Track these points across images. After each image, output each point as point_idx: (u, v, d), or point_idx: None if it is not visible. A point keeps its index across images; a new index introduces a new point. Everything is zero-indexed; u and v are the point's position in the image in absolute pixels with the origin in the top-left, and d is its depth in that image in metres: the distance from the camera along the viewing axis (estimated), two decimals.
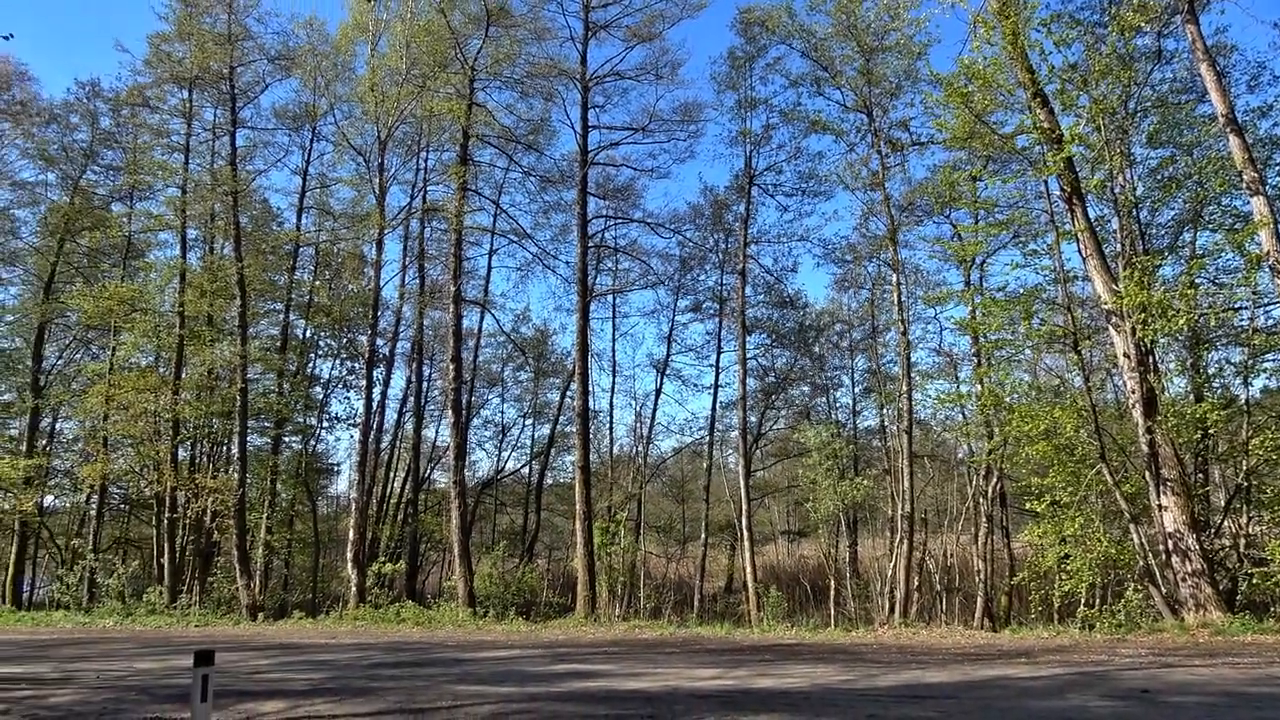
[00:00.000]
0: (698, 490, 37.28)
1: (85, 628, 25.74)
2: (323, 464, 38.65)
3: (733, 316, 30.77)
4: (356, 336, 35.49)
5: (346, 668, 13.32)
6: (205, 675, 5.59)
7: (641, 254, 33.35)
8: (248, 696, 9.99)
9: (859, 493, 23.89)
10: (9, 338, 38.31)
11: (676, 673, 11.99)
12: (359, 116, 29.96)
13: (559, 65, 28.32)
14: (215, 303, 30.25)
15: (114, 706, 9.49)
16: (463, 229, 28.14)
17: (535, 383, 39.20)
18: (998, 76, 17.87)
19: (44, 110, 36.00)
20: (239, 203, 29.55)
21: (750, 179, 29.04)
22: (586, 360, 27.44)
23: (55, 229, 35.29)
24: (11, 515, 32.20)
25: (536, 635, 20.50)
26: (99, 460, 31.01)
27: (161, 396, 29.13)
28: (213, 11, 29.38)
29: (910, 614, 21.80)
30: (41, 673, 13.01)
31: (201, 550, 31.52)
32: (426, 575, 36.40)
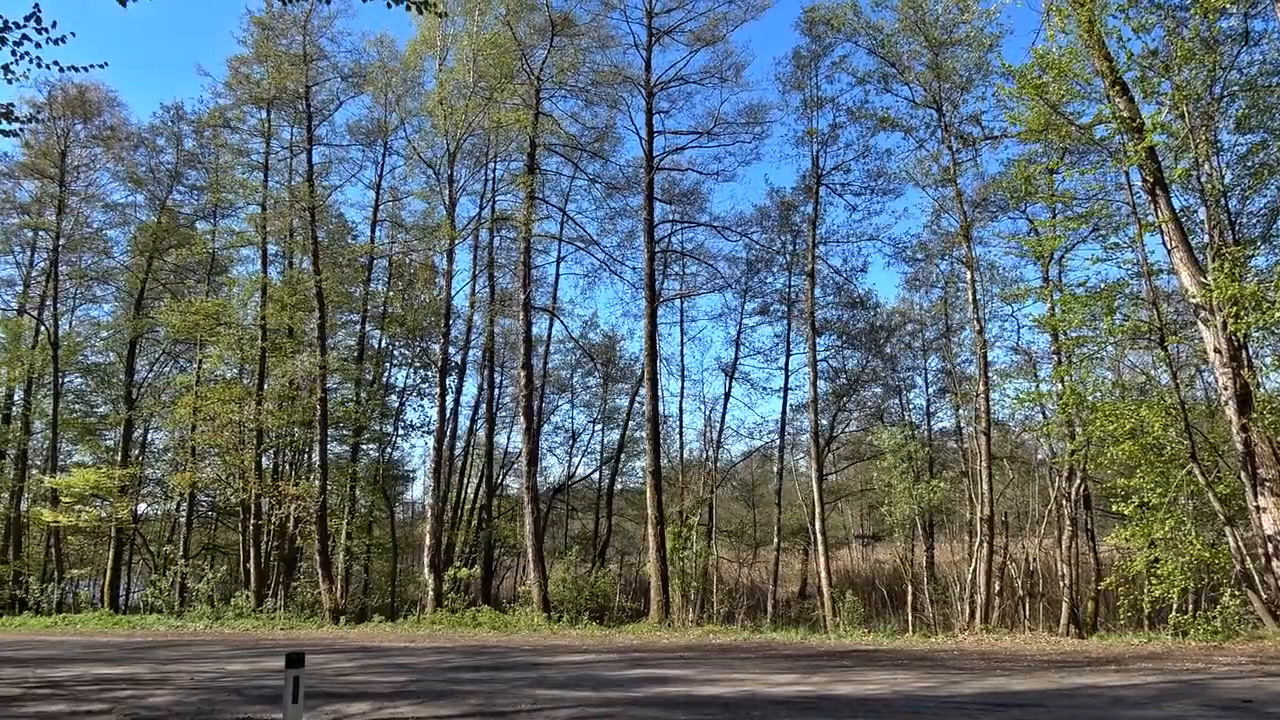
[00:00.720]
0: (769, 494, 36.96)
1: (177, 630, 26.75)
2: (399, 471, 39.50)
3: (802, 318, 30.48)
4: (429, 345, 36.21)
5: (427, 671, 13.58)
6: (296, 677, 5.76)
7: (708, 258, 33.31)
8: (335, 698, 10.27)
9: (935, 496, 23.37)
10: (104, 353, 40.11)
11: (753, 678, 11.92)
12: (429, 130, 30.62)
13: (623, 72, 28.50)
14: (295, 315, 31.21)
15: (208, 707, 9.85)
16: (531, 237, 28.49)
17: (604, 388, 39.42)
18: (1073, 66, 17.35)
19: (132, 134, 37.72)
20: (316, 218, 30.44)
21: (818, 179, 28.74)
22: (655, 365, 27.49)
23: (144, 248, 36.90)
24: (108, 523, 33.69)
25: (611, 640, 20.58)
26: (188, 469, 32.27)
27: (246, 407, 30.15)
28: (288, 33, 30.36)
29: (991, 620, 21.24)
30: (139, 674, 13.58)
31: (285, 556, 32.50)
32: (501, 580, 36.87)
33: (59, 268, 36.77)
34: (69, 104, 35.66)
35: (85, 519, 33.65)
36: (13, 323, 38.14)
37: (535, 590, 25.41)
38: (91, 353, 39.78)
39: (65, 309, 38.30)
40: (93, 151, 37.67)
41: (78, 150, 37.22)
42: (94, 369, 39.99)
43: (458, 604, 26.57)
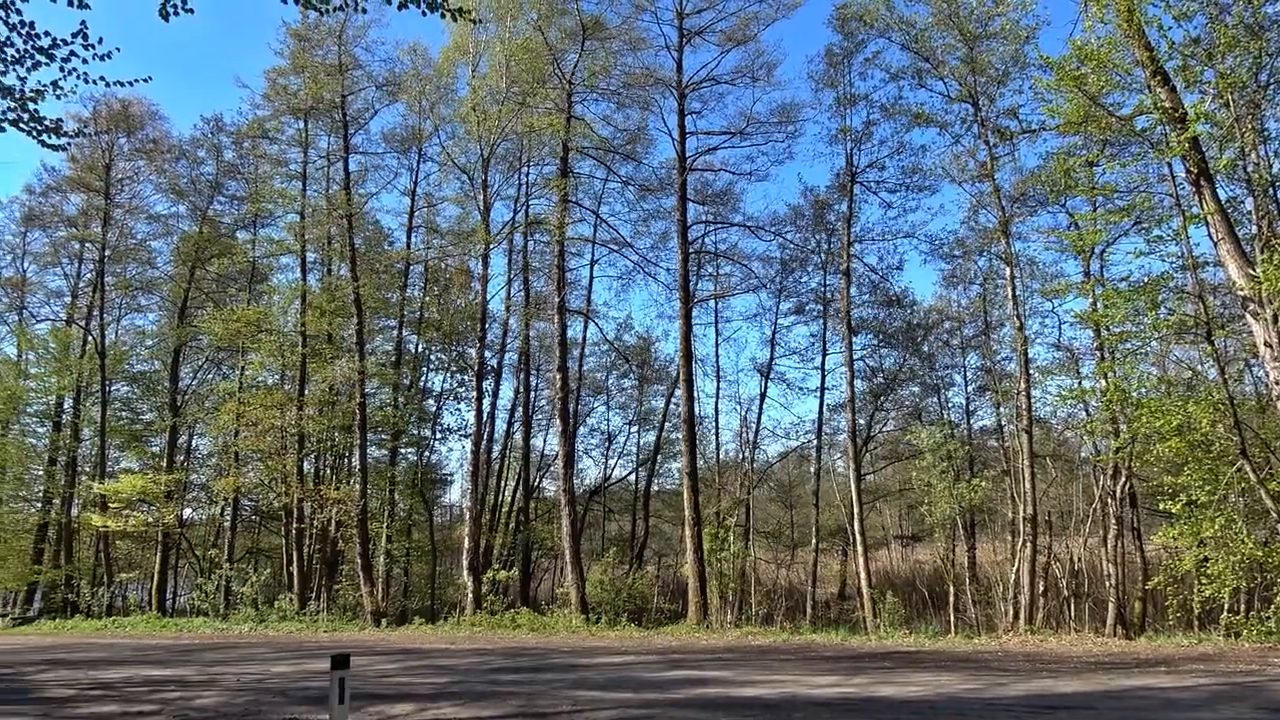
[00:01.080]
0: (806, 495, 36.72)
1: (223, 633, 27.23)
2: (437, 474, 39.87)
3: (837, 317, 30.25)
4: (466, 349, 36.52)
5: (468, 672, 13.68)
6: (342, 678, 5.83)
7: (742, 258, 33.17)
8: (379, 699, 10.38)
9: (976, 495, 23.06)
10: (149, 361, 40.99)
11: (794, 680, 11.85)
12: (462, 136, 30.88)
13: (655, 74, 28.52)
14: (334, 321, 31.64)
15: (255, 707, 10.00)
16: (565, 240, 28.60)
17: (640, 390, 39.45)
18: (1113, 56, 17.04)
19: (174, 147, 38.56)
20: (353, 225, 30.84)
21: (852, 177, 28.52)
22: (690, 366, 27.45)
23: (187, 257, 37.65)
24: (155, 528, 34.39)
25: (649, 641, 20.59)
26: (231, 474, 32.83)
27: (287, 412, 30.60)
28: (324, 44, 30.79)
29: (1036, 621, 20.91)
30: (187, 675, 13.83)
31: (327, 559, 32.94)
32: (539, 582, 37.03)
33: (105, 278, 37.64)
34: (113, 118, 36.51)
35: (133, 524, 34.36)
36: (62, 333, 39.11)
37: (573, 592, 25.49)
38: (137, 361, 40.69)
39: (111, 319, 39.20)
40: (136, 164, 38.57)
41: (122, 163, 38.14)
42: (140, 377, 40.88)
43: (497, 606, 26.74)
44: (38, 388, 38.94)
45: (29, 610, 35.81)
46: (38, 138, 7.51)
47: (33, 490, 39.31)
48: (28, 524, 38.00)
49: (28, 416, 39.70)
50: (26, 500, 39.33)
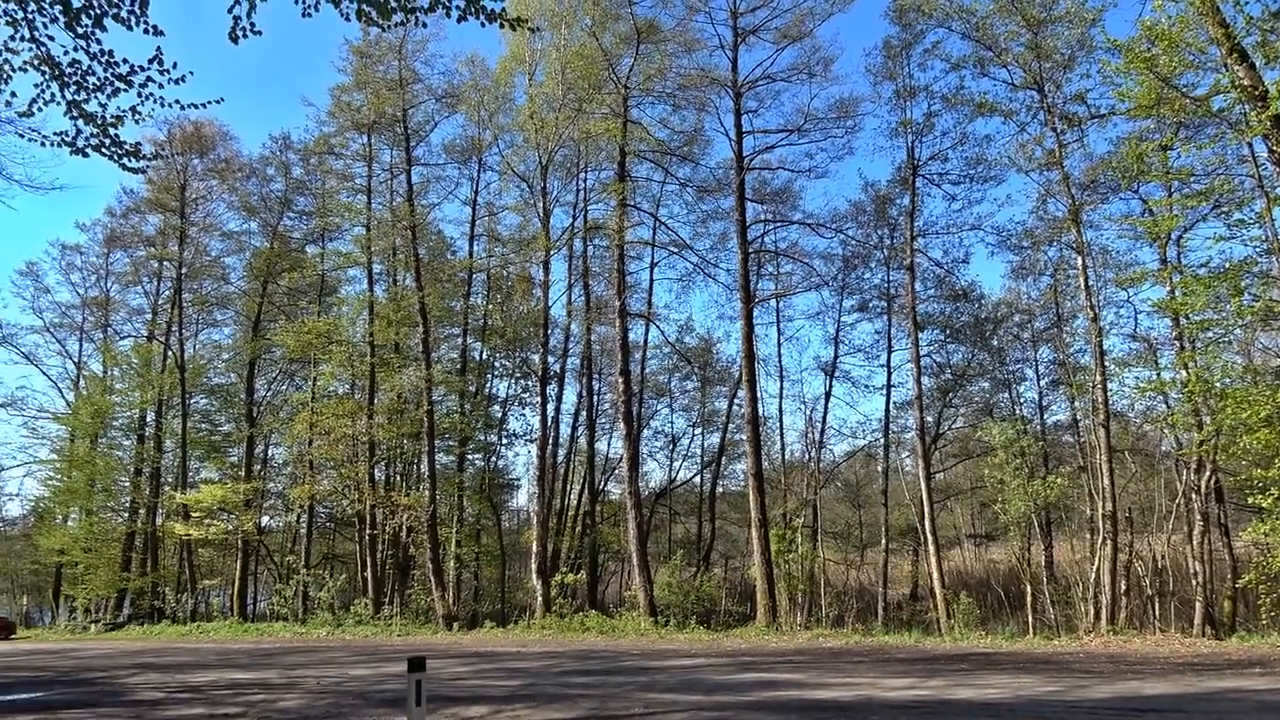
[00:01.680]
0: (874, 494, 36.18)
1: (302, 637, 27.94)
2: (504, 479, 40.33)
3: (902, 313, 29.75)
4: (529, 355, 36.87)
5: (539, 675, 13.79)
6: (419, 681, 5.93)
7: (803, 256, 32.86)
8: (453, 702, 10.52)
9: (1052, 492, 22.41)
10: (226, 374, 42.36)
11: (868, 682, 11.67)
12: (521, 145, 31.27)
13: (710, 74, 28.43)
14: (400, 331, 32.28)
15: (335, 710, 10.23)
16: (624, 244, 28.72)
17: (702, 391, 39.35)
18: (1185, 35, 16.43)
19: (244, 166, 39.86)
20: (417, 236, 31.43)
21: (914, 170, 28.03)
22: (753, 366, 27.30)
23: (259, 272, 38.84)
24: (235, 535, 35.50)
25: (718, 644, 20.50)
26: (306, 482, 33.70)
27: (358, 421, 31.31)
28: (385, 60, 31.47)
29: (1118, 621, 20.24)
30: (269, 678, 14.22)
31: (399, 564, 33.58)
32: (606, 585, 37.18)
33: (182, 295, 39.05)
34: (186, 140, 37.87)
35: (214, 532, 35.55)
36: (143, 349, 40.66)
37: (641, 595, 25.53)
38: (215, 374, 42.09)
39: (189, 334, 40.63)
40: (209, 184, 39.97)
41: (196, 183, 39.54)
42: (217, 389, 42.30)
43: (565, 609, 26.92)
44: (122, 402, 40.57)
45: (119, 616, 37.27)
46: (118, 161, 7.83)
47: (120, 501, 40.96)
48: (116, 533, 39.61)
49: (114, 430, 41.39)
50: (114, 511, 41.00)
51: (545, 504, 30.16)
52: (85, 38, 6.55)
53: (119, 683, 14.42)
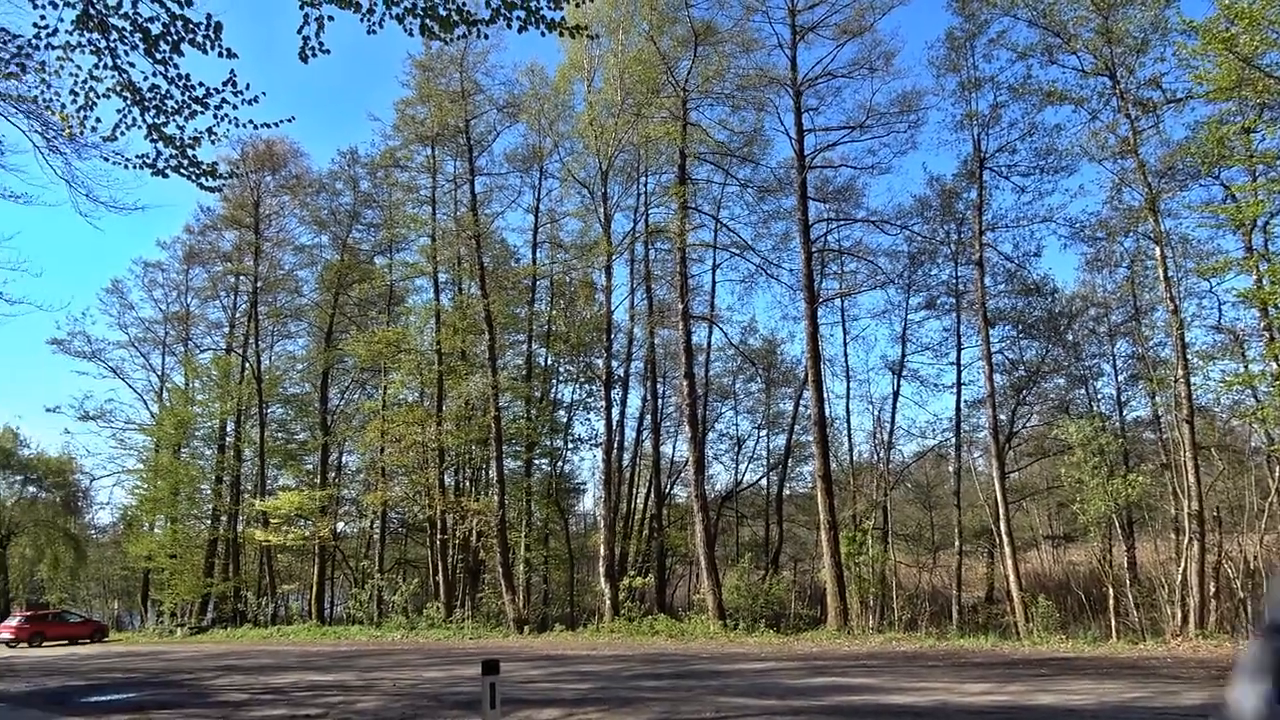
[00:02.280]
0: (946, 495, 35.43)
1: (377, 640, 28.54)
2: (570, 484, 40.62)
3: (972, 310, 29.09)
4: (593, 360, 37.06)
5: (609, 678, 13.84)
6: (493, 683, 6.00)
7: (867, 254, 32.36)
8: (526, 704, 10.63)
9: (1134, 491, 21.61)
10: (300, 384, 43.55)
11: (944, 687, 11.43)
12: (581, 151, 31.51)
13: (769, 74, 28.23)
14: (467, 338, 32.80)
15: (411, 711, 10.42)
16: (685, 247, 28.70)
17: (767, 393, 39.07)
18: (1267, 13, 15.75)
19: (314, 181, 40.95)
20: (481, 245, 31.90)
21: (981, 163, 27.39)
22: (819, 367, 26.99)
23: (330, 284, 39.86)
24: (312, 541, 36.44)
25: (789, 648, 20.31)
26: (379, 488, 34.44)
27: (427, 428, 31.89)
28: (447, 72, 32.04)
29: (1208, 625, 19.42)
30: (347, 680, 14.56)
31: (470, 568, 34.07)
32: (674, 588, 37.14)
33: (258, 308, 40.33)
34: (259, 158, 39.07)
35: (292, 538, 36.56)
36: (222, 361, 42.07)
37: (709, 598, 25.42)
38: (290, 384, 43.33)
39: (265, 346, 41.93)
40: (281, 200, 41.18)
41: (269, 200, 40.82)
42: (293, 399, 43.52)
43: (634, 612, 26.96)
44: (203, 413, 42.01)
45: (203, 619, 38.57)
46: (196, 181, 8.12)
47: (202, 508, 42.43)
48: (200, 540, 41.03)
49: (196, 440, 42.92)
50: (198, 518, 42.49)
51: (612, 508, 30.28)
52: (164, 63, 6.81)
53: (205, 684, 14.93)
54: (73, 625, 37.42)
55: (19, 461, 46.35)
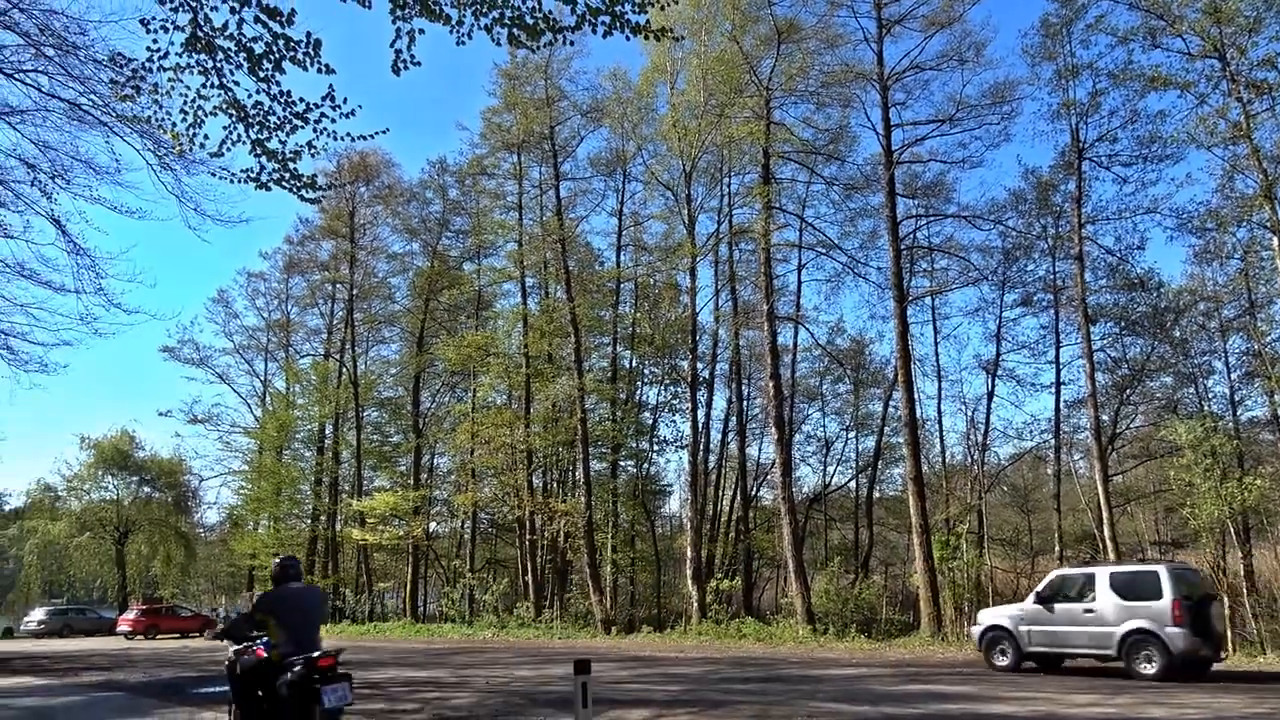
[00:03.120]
0: (1044, 499, 34.21)
1: (469, 638, 29.14)
2: (656, 485, 40.72)
3: (1071, 306, 28.01)
4: (677, 362, 37.11)
5: (698, 681, 13.81)
6: (584, 683, 6.06)
7: (959, 250, 31.43)
8: (616, 705, 10.68)
9: (1250, 495, 20.45)
10: (394, 388, 44.83)
11: (1046, 698, 11.03)
12: (664, 153, 31.62)
13: (854, 69, 27.74)
14: (553, 342, 33.25)
15: (504, 709, 10.59)
16: (770, 247, 28.45)
17: (855, 394, 38.36)
18: None
19: (405, 191, 42.14)
20: (566, 249, 32.30)
21: (1079, 153, 26.35)
22: (909, 367, 26.39)
23: (421, 291, 40.92)
24: (406, 540, 37.45)
25: (880, 653, 19.93)
26: (469, 490, 35.17)
27: (515, 430, 32.44)
28: (532, 80, 32.60)
29: None
30: (441, 677, 14.90)
31: (558, 569, 34.49)
32: (761, 591, 36.83)
33: (354, 315, 41.68)
34: (353, 170, 40.39)
35: (387, 537, 37.66)
36: (320, 366, 43.63)
37: (798, 602, 25.12)
38: (384, 388, 44.62)
39: (361, 351, 43.31)
40: (374, 209, 42.50)
41: (363, 210, 42.18)
42: (386, 402, 44.84)
43: (721, 615, 26.85)
44: (303, 416, 43.64)
45: None
46: (297, 193, 8.43)
47: (303, 508, 44.09)
48: (300, 538, 42.62)
49: (296, 442, 44.62)
50: (298, 517, 44.16)
51: (697, 510, 30.23)
52: (266, 81, 7.10)
53: None
54: (184, 619, 39.34)
55: (135, 463, 48.93)
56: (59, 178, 12.98)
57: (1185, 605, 13.68)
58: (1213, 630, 14.10)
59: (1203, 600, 14.25)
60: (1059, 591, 15.84)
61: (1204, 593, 14.81)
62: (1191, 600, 13.93)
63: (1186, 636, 13.43)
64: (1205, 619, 13.90)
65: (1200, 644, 13.69)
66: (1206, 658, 14.17)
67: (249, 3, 6.48)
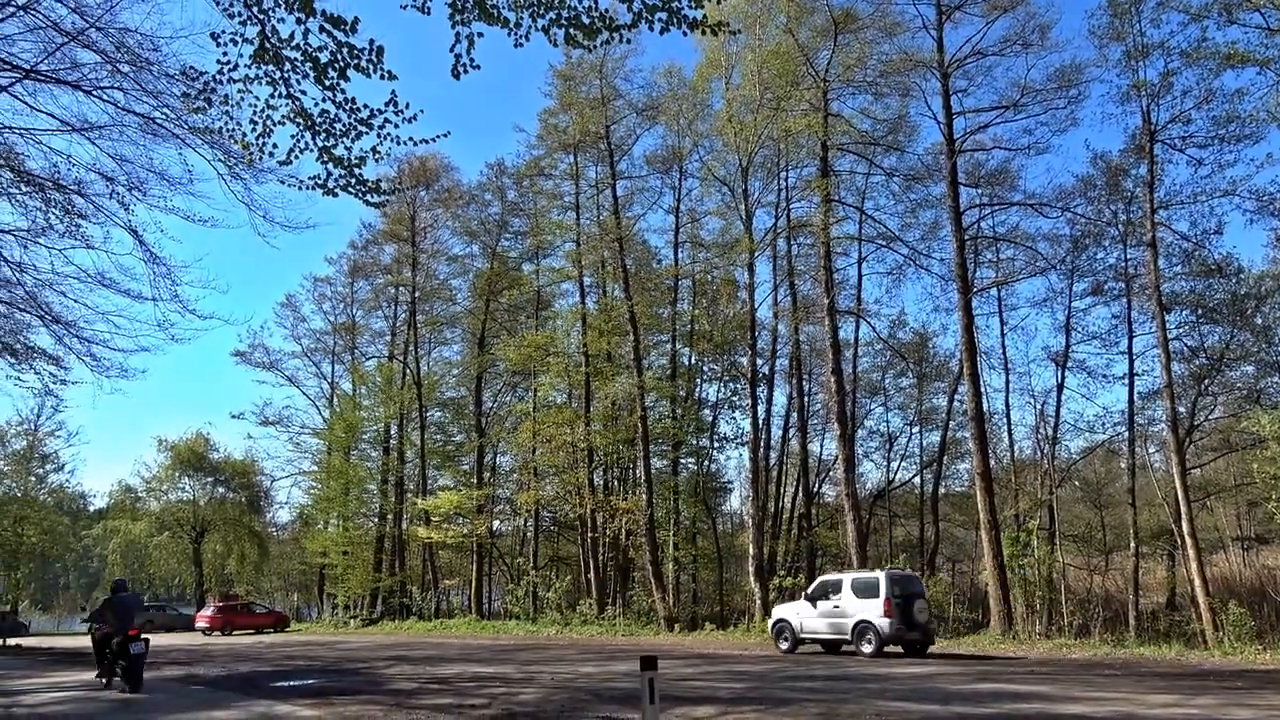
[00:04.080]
0: (1118, 493, 33.22)
1: (533, 635, 29.43)
2: (717, 483, 40.62)
3: (1144, 294, 27.11)
4: (737, 358, 36.93)
5: (763, 678, 13.73)
6: (651, 679, 6.06)
7: (1025, 239, 30.67)
8: (682, 702, 10.68)
9: None
10: (456, 388, 45.51)
11: (1123, 698, 10.71)
12: (720, 149, 31.49)
13: (913, 57, 27.24)
14: (612, 340, 33.37)
15: (571, 705, 10.66)
16: (830, 240, 28.12)
17: (919, 388, 37.70)
18: None
19: (464, 194, 42.70)
20: (624, 247, 32.40)
21: (1151, 135, 25.47)
22: (975, 360, 25.86)
23: (481, 292, 41.45)
24: (470, 538, 37.99)
25: (949, 651, 19.59)
26: (531, 488, 35.51)
27: (576, 429, 32.65)
28: (587, 80, 32.77)
29: None
30: (508, 673, 15.07)
31: (620, 566, 34.63)
32: None
33: (416, 317, 42.40)
34: (414, 174, 41.09)
35: (451, 535, 38.25)
36: (385, 368, 44.50)
37: None
38: (446, 389, 45.33)
39: (424, 352, 44.01)
40: (435, 213, 43.15)
41: (423, 213, 42.87)
42: (449, 403, 45.55)
43: None
44: (369, 417, 44.58)
45: (373, 612, 40.91)
46: (362, 198, 8.61)
47: (370, 507, 45.03)
48: (368, 537, 43.57)
49: (363, 443, 45.58)
50: (366, 516, 45.12)
51: (760, 506, 30.06)
52: (332, 89, 7.25)
53: (378, 673, 15.81)
54: (258, 615, 40.50)
55: (209, 464, 50.54)
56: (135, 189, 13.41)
57: (895, 602, 18.27)
58: (916, 620, 18.42)
59: (908, 598, 18.63)
60: (821, 593, 20.14)
61: (911, 592, 18.98)
62: (900, 598, 18.42)
63: (893, 625, 18.13)
64: (910, 612, 18.38)
65: (905, 630, 18.28)
66: (912, 641, 18.60)
67: (314, 13, 6.62)
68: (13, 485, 43.20)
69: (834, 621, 19.35)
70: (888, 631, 18.05)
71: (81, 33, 12.21)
